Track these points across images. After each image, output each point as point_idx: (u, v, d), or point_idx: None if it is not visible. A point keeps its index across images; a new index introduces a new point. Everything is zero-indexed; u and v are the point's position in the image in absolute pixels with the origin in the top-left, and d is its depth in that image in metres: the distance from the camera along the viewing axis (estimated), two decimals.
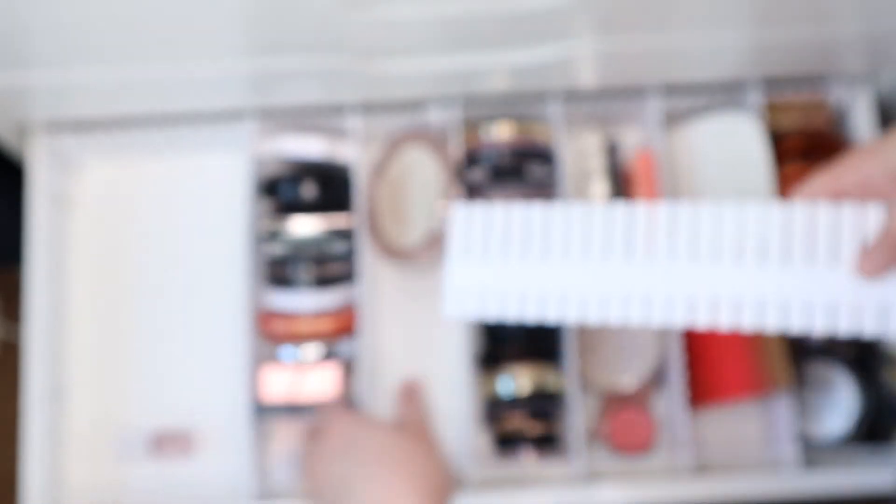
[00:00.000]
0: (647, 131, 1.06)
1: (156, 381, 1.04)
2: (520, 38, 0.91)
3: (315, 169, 1.05)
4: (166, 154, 1.08)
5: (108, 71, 0.90)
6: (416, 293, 1.05)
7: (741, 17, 0.89)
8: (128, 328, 1.05)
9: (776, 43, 0.93)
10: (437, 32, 0.88)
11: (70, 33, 0.84)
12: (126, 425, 1.02)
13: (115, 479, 1.01)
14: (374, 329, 1.04)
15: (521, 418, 0.98)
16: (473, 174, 1.02)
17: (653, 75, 1.00)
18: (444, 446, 0.92)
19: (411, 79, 0.96)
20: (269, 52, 0.90)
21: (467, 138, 1.03)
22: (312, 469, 0.83)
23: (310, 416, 0.97)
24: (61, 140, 1.03)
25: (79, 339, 1.04)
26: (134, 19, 0.83)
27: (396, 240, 1.03)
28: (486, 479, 0.98)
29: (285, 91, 0.97)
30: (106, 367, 1.04)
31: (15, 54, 0.87)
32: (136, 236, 1.07)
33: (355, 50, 0.91)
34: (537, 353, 0.99)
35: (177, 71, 0.91)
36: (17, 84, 0.92)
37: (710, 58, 0.96)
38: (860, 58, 0.99)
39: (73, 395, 1.03)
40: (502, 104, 1.03)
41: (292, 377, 0.99)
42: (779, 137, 1.03)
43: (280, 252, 1.00)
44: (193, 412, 1.02)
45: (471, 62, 0.94)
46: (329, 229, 1.00)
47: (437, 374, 1.03)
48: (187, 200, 1.08)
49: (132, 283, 1.06)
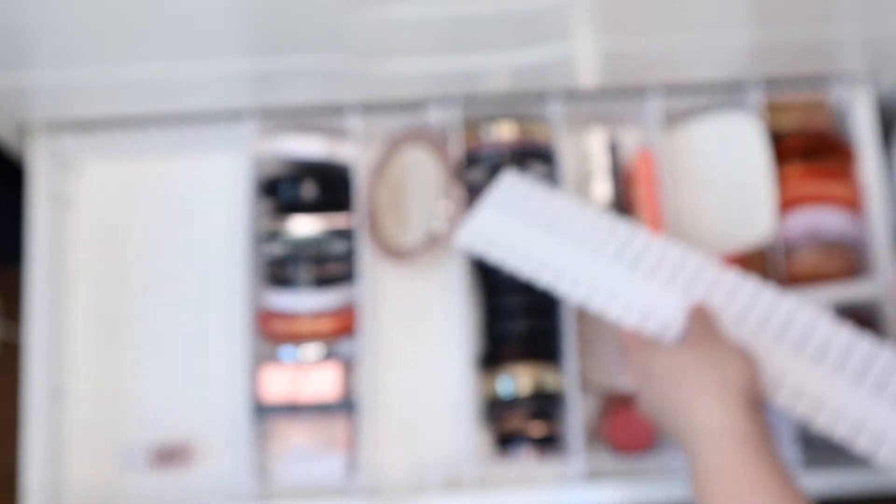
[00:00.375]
0: (647, 131, 1.06)
1: (156, 380, 1.04)
2: (520, 39, 0.91)
3: (315, 169, 1.05)
4: (166, 154, 1.08)
5: (108, 71, 0.91)
6: (416, 293, 1.05)
7: (741, 17, 0.90)
8: (128, 327, 1.05)
9: (776, 43, 0.94)
10: (437, 33, 0.89)
11: (70, 34, 0.85)
12: (126, 425, 1.02)
13: (115, 480, 1.01)
14: (374, 329, 1.04)
15: (520, 418, 0.98)
16: (473, 174, 1.02)
17: (653, 75, 1.00)
18: (444, 445, 0.93)
19: (411, 79, 0.96)
20: (269, 52, 0.90)
21: (467, 138, 1.03)
22: (643, 394, 0.83)
23: (311, 416, 0.97)
24: (61, 140, 1.03)
25: (79, 339, 1.05)
26: (134, 20, 0.83)
27: (396, 240, 1.03)
28: (485, 478, 0.98)
29: (286, 91, 0.97)
30: (105, 366, 1.04)
31: (16, 55, 0.88)
32: (136, 236, 1.07)
33: (355, 50, 0.91)
34: (537, 353, 0.99)
35: (177, 71, 0.91)
36: (18, 84, 0.92)
37: (710, 58, 0.96)
38: (860, 58, 0.99)
39: (74, 395, 1.03)
40: (502, 104, 1.03)
41: (292, 377, 0.99)
42: (779, 137, 1.03)
43: (280, 252, 1.00)
44: (193, 411, 1.02)
45: (471, 62, 0.94)
46: (329, 229, 1.01)
47: (437, 374, 1.03)
48: (187, 200, 1.08)
49: (132, 282, 1.06)
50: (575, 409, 0.97)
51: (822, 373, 0.83)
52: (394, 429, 1.02)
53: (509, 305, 1.00)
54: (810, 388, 0.83)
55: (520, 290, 0.99)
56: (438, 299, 1.05)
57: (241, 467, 0.96)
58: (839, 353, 0.83)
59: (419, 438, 1.01)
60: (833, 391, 0.82)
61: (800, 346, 0.84)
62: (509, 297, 1.00)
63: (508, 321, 0.99)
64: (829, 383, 0.82)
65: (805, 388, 0.83)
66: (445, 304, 1.04)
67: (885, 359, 0.83)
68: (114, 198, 1.09)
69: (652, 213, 1.01)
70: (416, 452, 1.00)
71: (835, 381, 0.82)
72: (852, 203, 1.02)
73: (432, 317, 1.04)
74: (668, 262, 0.88)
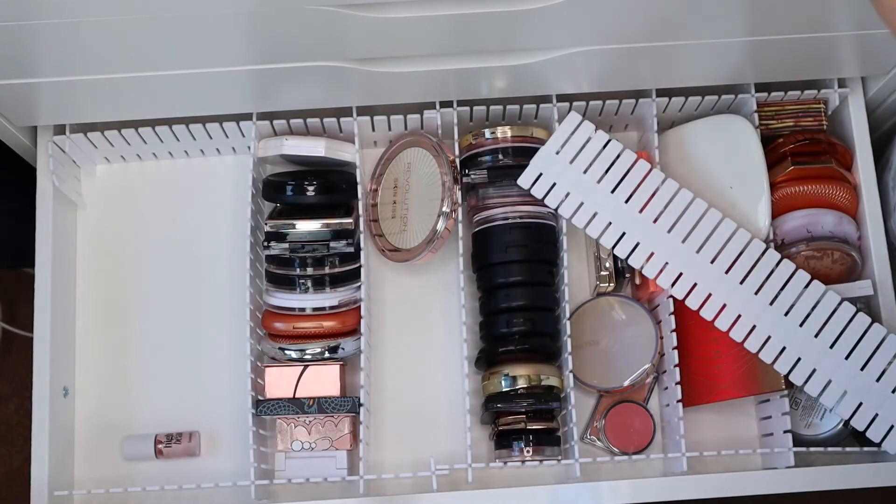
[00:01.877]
0: (645, 133, 1.07)
1: (158, 379, 1.04)
2: (520, 41, 0.91)
3: (315, 169, 1.06)
4: (169, 155, 1.09)
5: (114, 78, 0.91)
6: (416, 293, 1.06)
7: (738, 25, 0.90)
8: (132, 326, 1.06)
9: (771, 49, 0.94)
10: (437, 35, 0.89)
11: (77, 43, 0.85)
12: (130, 421, 1.03)
13: (120, 476, 1.02)
14: (374, 329, 1.05)
15: (519, 417, 0.98)
16: (473, 174, 1.02)
17: (651, 78, 1.01)
18: (444, 445, 0.93)
19: (412, 80, 0.96)
20: (271, 57, 0.90)
21: (467, 139, 1.04)
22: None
23: (311, 415, 0.98)
24: (68, 142, 1.04)
25: (84, 337, 1.05)
26: (139, 28, 0.83)
27: (396, 240, 1.03)
28: (485, 478, 0.99)
29: (288, 95, 0.97)
30: (110, 364, 1.05)
31: (26, 62, 0.88)
32: (141, 235, 1.08)
33: (357, 53, 0.91)
34: (536, 352, 1.00)
35: (182, 79, 0.91)
36: (28, 90, 0.93)
37: (707, 62, 0.97)
38: (853, 63, 1.00)
39: (80, 392, 1.04)
40: (502, 105, 1.03)
41: (293, 376, 1.00)
42: (773, 139, 1.04)
43: (282, 252, 1.00)
44: (195, 410, 1.03)
45: (471, 64, 0.94)
46: (329, 229, 1.01)
47: (437, 374, 1.04)
48: (192, 201, 1.09)
49: (136, 281, 1.07)
50: (573, 407, 0.98)
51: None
52: (394, 428, 1.03)
53: (508, 305, 1.01)
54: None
55: (519, 290, 1.00)
56: (438, 299, 1.06)
57: (242, 466, 0.97)
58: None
59: (419, 437, 1.02)
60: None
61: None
62: (508, 296, 1.01)
63: (507, 321, 1.00)
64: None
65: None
66: (445, 304, 1.05)
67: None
68: (119, 198, 1.09)
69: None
70: (416, 451, 1.01)
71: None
72: (846, 204, 1.03)
73: (432, 317, 1.05)
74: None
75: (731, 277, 0.96)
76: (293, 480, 0.98)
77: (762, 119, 1.04)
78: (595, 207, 0.98)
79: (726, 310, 0.96)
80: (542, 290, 1.02)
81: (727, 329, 0.96)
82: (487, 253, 1.02)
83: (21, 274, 1.46)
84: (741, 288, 0.96)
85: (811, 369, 0.94)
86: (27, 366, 0.99)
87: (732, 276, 0.96)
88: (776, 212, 1.01)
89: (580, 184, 0.99)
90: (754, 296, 0.95)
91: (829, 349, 0.94)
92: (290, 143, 1.03)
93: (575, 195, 0.99)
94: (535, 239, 1.01)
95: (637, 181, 0.98)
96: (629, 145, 1.05)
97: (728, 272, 0.96)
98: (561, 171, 0.99)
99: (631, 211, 0.98)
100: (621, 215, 0.98)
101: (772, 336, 0.95)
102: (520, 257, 1.00)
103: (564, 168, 0.99)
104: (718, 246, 0.97)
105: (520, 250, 1.00)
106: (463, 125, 1.04)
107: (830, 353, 0.94)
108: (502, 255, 1.01)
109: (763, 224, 1.00)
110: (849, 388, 0.93)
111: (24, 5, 0.79)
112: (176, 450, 1.01)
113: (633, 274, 1.03)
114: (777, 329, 0.95)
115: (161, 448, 1.01)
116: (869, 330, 0.94)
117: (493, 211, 1.02)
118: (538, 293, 1.01)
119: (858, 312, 0.94)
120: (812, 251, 1.00)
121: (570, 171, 0.99)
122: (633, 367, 1.01)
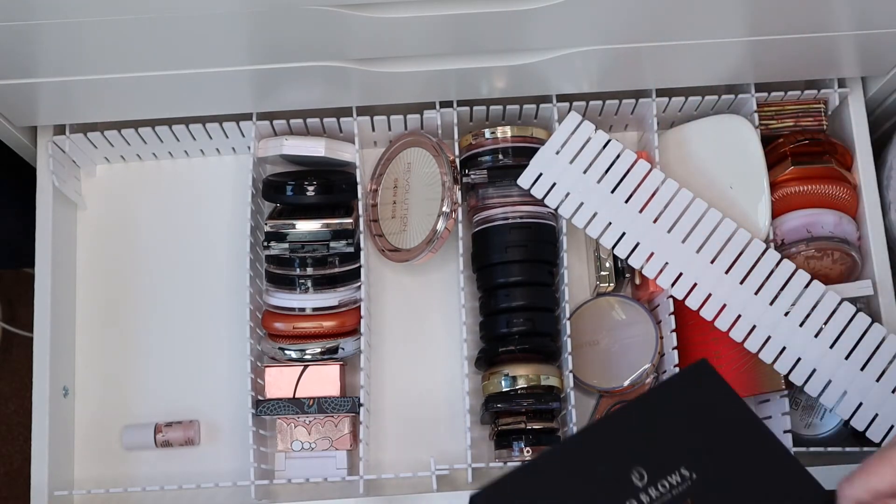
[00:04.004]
0: (645, 133, 1.07)
1: (158, 378, 1.05)
2: (520, 41, 0.91)
3: (315, 169, 1.06)
4: (169, 155, 1.09)
5: (114, 78, 0.91)
6: (416, 293, 1.06)
7: (738, 25, 0.90)
8: (131, 326, 1.06)
9: (771, 49, 0.94)
10: (437, 35, 0.89)
11: (77, 43, 0.85)
12: (131, 421, 1.03)
13: (120, 476, 1.02)
14: (374, 329, 1.05)
15: (519, 417, 0.98)
16: (473, 174, 1.02)
17: (651, 78, 1.01)
18: (444, 444, 0.93)
19: (412, 80, 0.96)
20: (271, 57, 0.90)
21: (467, 138, 1.04)
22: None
23: (311, 415, 0.98)
24: (68, 142, 1.04)
25: (84, 337, 1.05)
26: (139, 28, 0.83)
27: (396, 240, 1.04)
28: (485, 477, 0.99)
29: (287, 95, 0.98)
30: (110, 364, 1.05)
31: (26, 62, 0.88)
32: (141, 235, 1.08)
33: (357, 53, 0.91)
34: (535, 352, 1.00)
35: (182, 79, 0.91)
36: (29, 90, 0.93)
37: (707, 62, 0.97)
38: (853, 63, 1.00)
39: (80, 392, 1.04)
40: (502, 105, 1.03)
41: (293, 376, 1.00)
42: (773, 139, 1.04)
43: (282, 252, 1.00)
44: (195, 410, 1.03)
45: (471, 64, 0.94)
46: (329, 229, 1.01)
47: (437, 374, 1.04)
48: (192, 200, 1.09)
49: (136, 281, 1.07)
50: (573, 407, 0.98)
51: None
52: (394, 428, 1.03)
53: (508, 305, 1.01)
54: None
55: (519, 290, 1.00)
56: (438, 299, 1.06)
57: (242, 465, 0.97)
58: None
59: (419, 437, 1.02)
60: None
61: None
62: (508, 296, 1.01)
63: (507, 321, 1.00)
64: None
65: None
66: (445, 304, 1.05)
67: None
68: (119, 198, 1.09)
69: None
70: (415, 451, 1.01)
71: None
72: (846, 204, 1.03)
73: (432, 317, 1.05)
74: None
75: (731, 277, 0.96)
76: (293, 480, 0.98)
77: (762, 119, 1.04)
78: (595, 207, 0.99)
79: (726, 310, 0.96)
80: (541, 290, 1.02)
81: (727, 329, 0.96)
82: (487, 253, 1.02)
83: (21, 274, 1.46)
84: (741, 288, 0.96)
85: (811, 369, 0.94)
86: (27, 366, 0.99)
87: (732, 276, 0.96)
88: (776, 212, 1.01)
89: (580, 184, 0.99)
90: (754, 296, 0.95)
91: (829, 349, 0.94)
92: (290, 144, 1.03)
93: (575, 195, 0.99)
94: (535, 239, 1.01)
95: (637, 181, 0.99)
96: (629, 145, 1.05)
97: (728, 272, 0.96)
98: (561, 171, 0.99)
99: (631, 211, 0.98)
100: (621, 215, 0.98)
101: (772, 336, 0.95)
102: (520, 257, 1.00)
103: (564, 168, 0.99)
104: (718, 246, 0.97)
105: (520, 250, 1.01)
106: (463, 125, 1.04)
107: (830, 353, 0.94)
108: (502, 255, 1.01)
109: (763, 224, 1.00)
110: (849, 388, 0.93)
111: (25, 5, 0.79)
112: (176, 431, 1.01)
113: (633, 274, 1.03)
114: (777, 329, 0.95)
115: (160, 427, 1.01)
116: (869, 330, 0.94)
117: (493, 211, 1.02)
118: (538, 293, 1.01)
119: (858, 312, 0.94)
120: (812, 251, 1.00)
121: (569, 171, 0.99)
122: (633, 367, 1.01)
